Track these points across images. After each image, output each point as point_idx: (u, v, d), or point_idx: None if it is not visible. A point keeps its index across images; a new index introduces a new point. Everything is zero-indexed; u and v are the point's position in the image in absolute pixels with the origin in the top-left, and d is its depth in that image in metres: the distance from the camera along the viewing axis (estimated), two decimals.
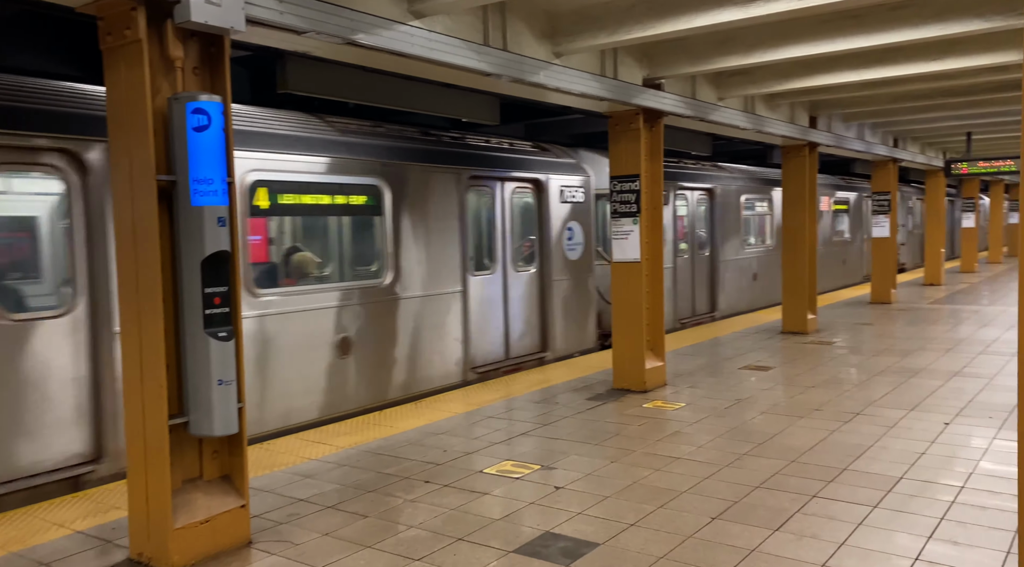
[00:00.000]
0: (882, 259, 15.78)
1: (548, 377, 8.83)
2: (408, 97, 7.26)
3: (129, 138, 4.01)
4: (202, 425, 4.08)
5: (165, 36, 3.97)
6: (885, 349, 10.07)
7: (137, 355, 4.08)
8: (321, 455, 6.06)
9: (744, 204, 14.80)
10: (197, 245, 3.99)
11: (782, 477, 5.17)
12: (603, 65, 7.32)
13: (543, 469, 5.53)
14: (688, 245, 13.21)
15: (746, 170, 15.35)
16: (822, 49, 7.02)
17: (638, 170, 7.89)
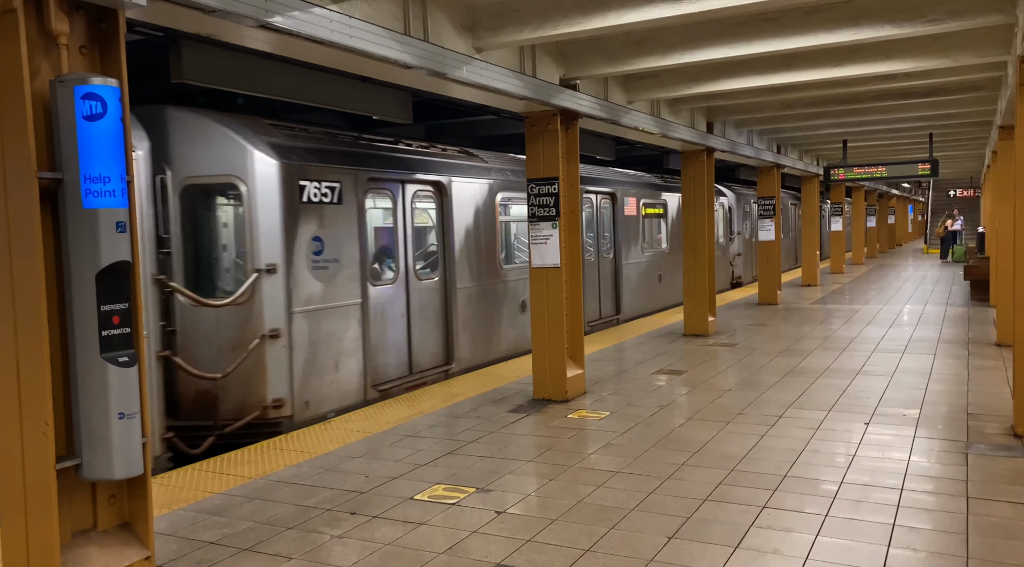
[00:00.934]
0: (768, 262, 16.38)
1: (458, 390, 8.45)
2: (315, 92, 6.70)
3: (1, 127, 3.33)
4: (98, 468, 3.45)
5: (46, 7, 3.33)
6: (785, 349, 10.33)
7: (14, 386, 3.40)
8: (226, 488, 5.42)
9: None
10: (91, 255, 3.37)
11: (727, 488, 5.03)
12: (522, 63, 7.04)
13: (479, 492, 5.15)
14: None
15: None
16: (738, 51, 7.03)
17: (556, 173, 7.66)
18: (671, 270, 15.74)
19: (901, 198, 47.88)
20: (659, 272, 15.49)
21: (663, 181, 16.22)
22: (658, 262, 15.50)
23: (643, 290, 14.85)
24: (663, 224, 15.98)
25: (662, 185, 15.91)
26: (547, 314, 7.79)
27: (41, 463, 3.35)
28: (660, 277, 15.46)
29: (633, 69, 7.45)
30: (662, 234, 16.06)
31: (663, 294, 15.62)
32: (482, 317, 9.88)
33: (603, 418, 6.97)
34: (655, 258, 15.33)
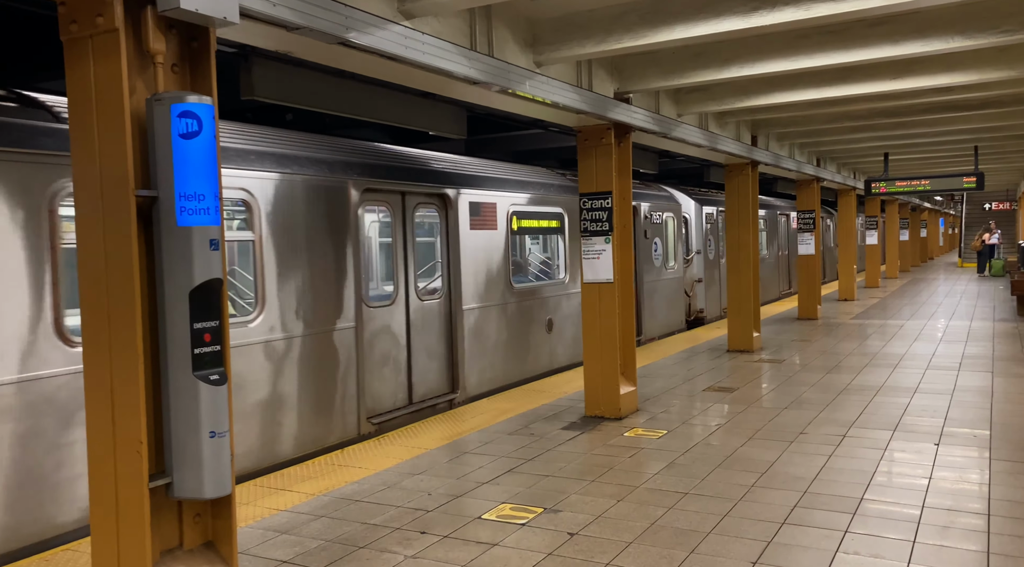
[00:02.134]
0: (807, 276, 16.18)
1: (505, 406, 8.39)
2: (375, 107, 6.71)
3: (99, 146, 3.34)
4: (188, 487, 3.42)
5: (144, 26, 3.34)
6: (835, 366, 10.16)
7: (108, 402, 3.39)
8: (290, 505, 5.40)
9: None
10: (184, 272, 3.36)
11: (803, 511, 4.91)
12: (579, 76, 7.01)
13: (547, 512, 5.07)
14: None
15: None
16: (797, 64, 6.95)
17: (610, 187, 7.60)
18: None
19: (933, 211, 47.28)
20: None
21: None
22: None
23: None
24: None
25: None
26: (599, 330, 7.71)
27: (134, 481, 3.33)
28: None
29: (689, 82, 7.39)
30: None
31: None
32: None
33: (661, 437, 6.86)
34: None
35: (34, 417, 4.77)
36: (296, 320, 6.61)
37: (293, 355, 6.59)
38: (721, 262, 16.32)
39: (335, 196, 6.92)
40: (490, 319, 9.15)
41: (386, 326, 7.75)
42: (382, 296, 8.27)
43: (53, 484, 4.85)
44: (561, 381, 9.59)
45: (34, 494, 4.75)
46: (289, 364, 6.55)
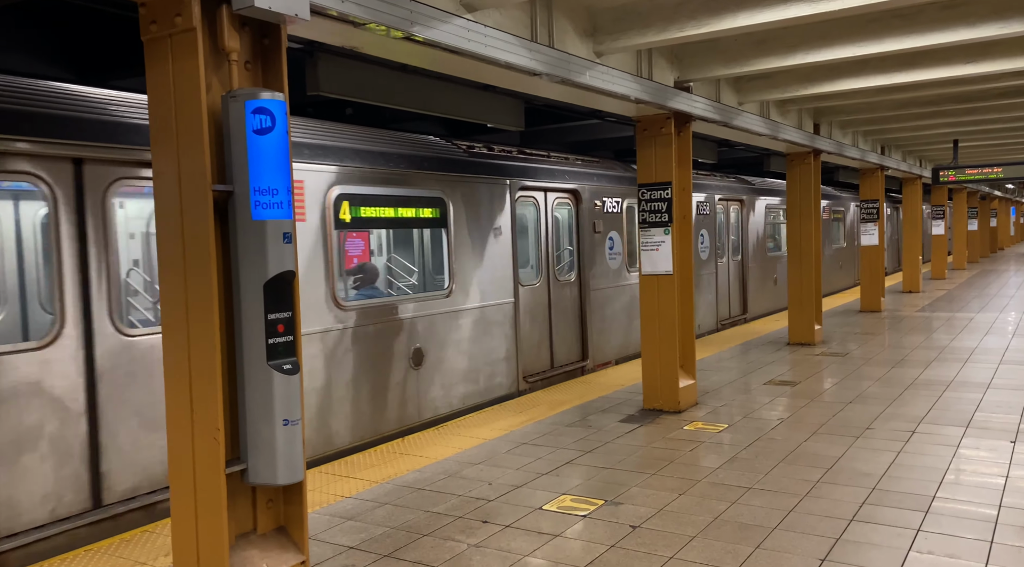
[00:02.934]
0: (871, 267, 15.75)
1: (562, 398, 8.39)
2: (435, 100, 6.76)
3: (177, 142, 3.45)
4: (262, 473, 3.52)
5: (219, 24, 3.43)
6: (900, 360, 9.88)
7: (187, 391, 3.51)
8: (354, 492, 5.51)
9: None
10: (259, 265, 3.45)
11: (872, 508, 4.80)
12: (639, 66, 6.94)
13: (608, 504, 5.07)
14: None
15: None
16: (865, 50, 6.75)
17: (669, 177, 7.52)
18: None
19: (1003, 200, 45.45)
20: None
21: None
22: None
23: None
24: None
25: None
26: (658, 322, 7.65)
27: (212, 467, 3.45)
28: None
29: (752, 70, 7.26)
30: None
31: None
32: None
33: (721, 431, 6.78)
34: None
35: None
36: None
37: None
38: (720, 261, 13.86)
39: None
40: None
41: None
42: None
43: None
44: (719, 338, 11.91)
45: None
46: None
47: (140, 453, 5.30)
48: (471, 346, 8.20)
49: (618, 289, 10.63)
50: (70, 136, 4.88)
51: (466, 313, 8.13)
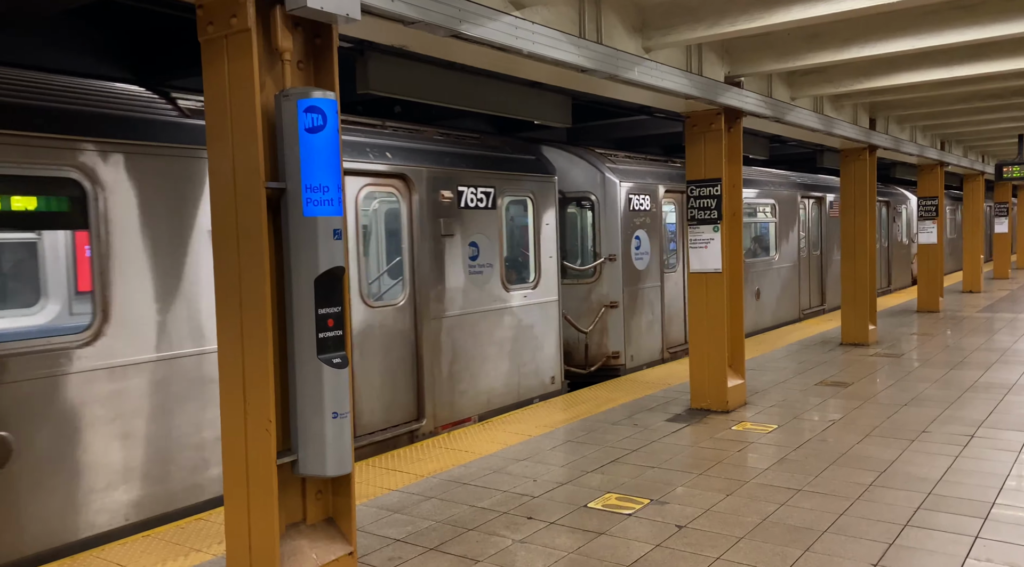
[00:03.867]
0: (929, 266, 15.30)
1: (610, 396, 8.35)
2: (482, 98, 6.79)
3: (232, 140, 3.54)
4: (312, 464, 3.59)
5: (273, 25, 3.51)
6: (959, 362, 9.58)
7: (239, 383, 3.60)
8: (401, 485, 5.57)
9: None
10: (310, 261, 3.52)
11: (927, 513, 4.68)
12: (689, 61, 6.86)
13: (654, 504, 5.04)
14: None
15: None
16: (923, 43, 6.56)
17: (719, 174, 7.42)
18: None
19: None
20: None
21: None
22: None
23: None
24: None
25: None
26: (707, 321, 7.55)
27: (263, 458, 3.53)
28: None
29: (804, 65, 7.11)
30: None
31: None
32: None
33: (771, 432, 6.68)
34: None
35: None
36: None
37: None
38: (666, 275, 10.71)
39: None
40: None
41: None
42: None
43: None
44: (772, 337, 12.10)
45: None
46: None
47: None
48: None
49: (487, 315, 7.84)
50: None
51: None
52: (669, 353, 10.68)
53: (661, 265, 10.49)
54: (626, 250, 9.81)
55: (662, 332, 10.56)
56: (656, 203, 10.36)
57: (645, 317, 10.20)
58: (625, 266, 9.79)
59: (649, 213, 10.18)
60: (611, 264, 9.66)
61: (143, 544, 4.58)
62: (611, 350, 9.75)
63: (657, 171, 10.72)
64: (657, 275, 10.43)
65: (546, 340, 8.59)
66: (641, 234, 10.05)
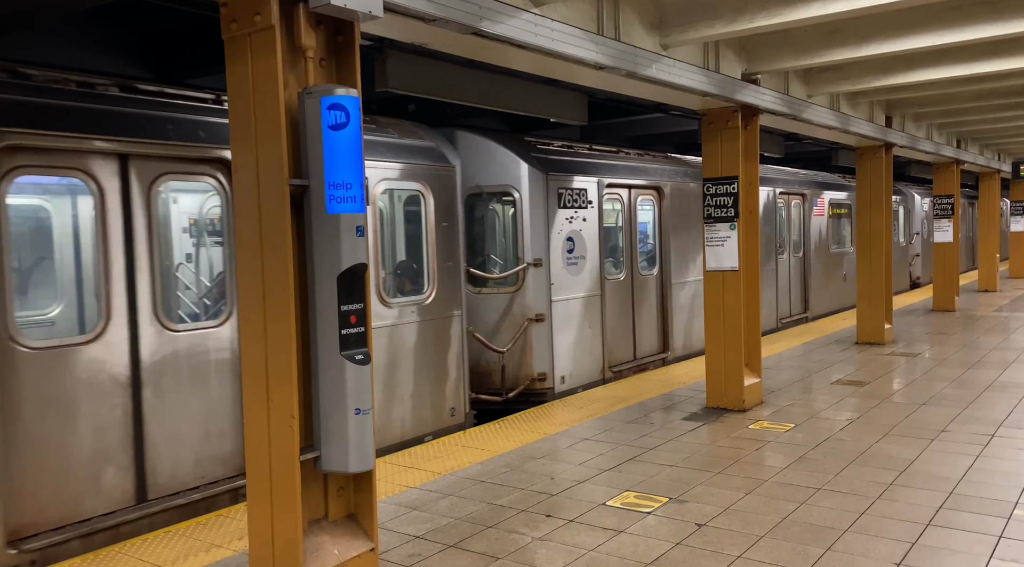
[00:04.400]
0: (944, 265, 15.19)
1: (625, 394, 8.34)
2: (501, 96, 6.79)
3: (256, 137, 3.55)
4: (335, 461, 3.60)
5: (296, 22, 3.52)
6: (977, 361, 9.51)
7: (263, 379, 3.61)
8: (419, 482, 5.58)
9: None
10: (333, 257, 3.52)
11: (950, 513, 4.65)
12: (706, 58, 6.83)
13: (673, 502, 5.02)
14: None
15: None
16: (945, 39, 6.50)
17: (736, 172, 7.39)
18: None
19: None
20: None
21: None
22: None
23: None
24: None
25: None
26: (723, 320, 7.52)
27: (286, 454, 3.54)
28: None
29: (823, 62, 7.06)
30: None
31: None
32: None
33: (788, 430, 6.65)
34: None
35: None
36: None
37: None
38: (608, 281, 9.21)
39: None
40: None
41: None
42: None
43: None
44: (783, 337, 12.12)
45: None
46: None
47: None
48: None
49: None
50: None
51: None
52: (613, 372, 9.17)
53: (602, 270, 8.99)
54: (555, 254, 8.38)
55: (603, 348, 9.04)
56: (597, 198, 8.94)
57: (580, 331, 8.72)
58: (555, 272, 8.35)
59: (586, 210, 8.77)
60: (536, 270, 8.17)
61: (164, 540, 4.61)
62: (536, 371, 8.25)
63: (602, 162, 9.30)
64: (597, 282, 8.93)
65: (444, 363, 7.07)
66: (576, 235, 8.63)
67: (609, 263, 9.46)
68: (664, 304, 10.26)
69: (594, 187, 8.95)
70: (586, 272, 8.80)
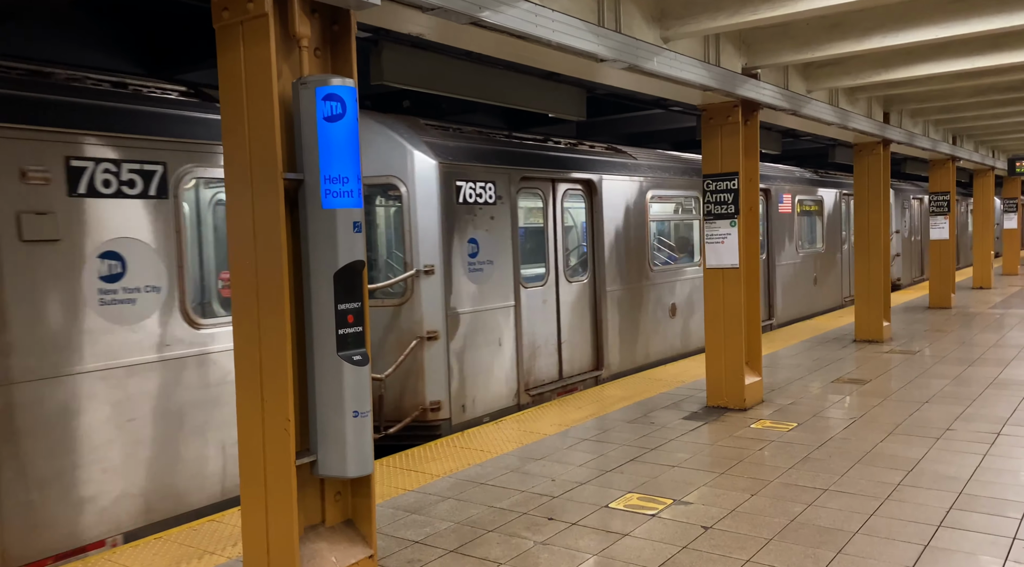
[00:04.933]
0: (940, 262, 15.15)
1: (625, 394, 8.22)
2: (498, 90, 6.65)
3: (248, 129, 3.42)
4: (332, 465, 3.48)
5: (290, 10, 3.39)
6: (977, 358, 9.44)
7: (257, 381, 3.48)
8: (418, 485, 5.46)
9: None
10: (329, 254, 3.39)
11: (961, 514, 4.55)
12: (707, 51, 6.72)
13: (677, 504, 4.91)
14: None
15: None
16: (950, 32, 6.40)
17: (736, 168, 7.28)
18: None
19: None
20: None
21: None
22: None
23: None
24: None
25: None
26: (723, 317, 7.42)
27: (282, 458, 3.41)
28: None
29: (825, 55, 6.96)
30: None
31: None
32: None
33: (791, 430, 6.55)
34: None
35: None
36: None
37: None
38: (525, 291, 8.08)
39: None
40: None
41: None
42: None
43: None
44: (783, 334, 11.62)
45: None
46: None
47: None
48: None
49: (139, 373, 4.83)
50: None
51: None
52: (531, 395, 8.01)
53: (516, 278, 7.77)
54: (455, 259, 7.08)
55: (518, 368, 7.83)
56: (509, 193, 7.66)
57: (488, 350, 7.48)
58: (453, 281, 7.06)
59: (494, 207, 7.48)
60: (428, 279, 6.88)
61: (155, 547, 4.47)
62: (428, 400, 6.94)
63: (516, 152, 7.93)
64: (510, 291, 7.70)
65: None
66: (481, 236, 7.37)
67: (530, 268, 8.49)
68: (598, 315, 9.06)
69: (505, 180, 7.62)
70: (495, 280, 7.54)
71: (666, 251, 10.82)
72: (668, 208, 11.10)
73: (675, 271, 10.49)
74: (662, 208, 10.81)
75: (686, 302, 10.68)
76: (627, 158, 9.82)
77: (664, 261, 10.60)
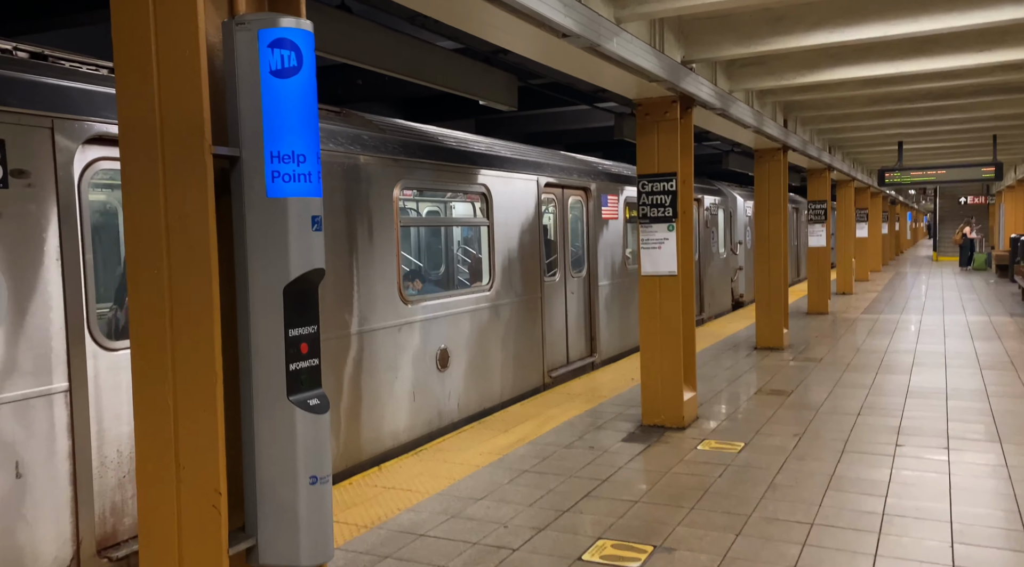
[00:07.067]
0: (817, 269, 15.62)
1: (551, 413, 7.55)
2: (429, 68, 5.77)
3: (158, 87, 2.40)
4: (281, 550, 2.51)
5: None
6: (881, 365, 9.52)
7: (169, 437, 2.47)
8: (342, 541, 4.49)
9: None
10: (278, 261, 2.44)
11: (967, 548, 4.17)
12: (652, 38, 6.16)
13: (660, 551, 4.25)
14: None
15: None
16: (901, 30, 6.16)
17: (675, 168, 6.79)
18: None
19: (902, 204, 47.54)
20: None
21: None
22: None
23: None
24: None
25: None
26: (660, 329, 6.90)
27: (208, 545, 2.42)
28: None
29: (766, 50, 6.61)
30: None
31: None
32: None
33: (741, 452, 6.09)
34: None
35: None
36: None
37: None
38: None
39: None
40: None
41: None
42: None
43: None
44: None
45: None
46: None
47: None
48: None
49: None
50: None
51: None
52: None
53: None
54: None
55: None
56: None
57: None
58: None
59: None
60: None
61: None
62: None
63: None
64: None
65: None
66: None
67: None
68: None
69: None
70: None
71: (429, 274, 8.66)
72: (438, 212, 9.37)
73: (452, 304, 7.13)
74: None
75: (470, 344, 7.36)
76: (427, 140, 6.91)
77: (430, 288, 8.62)
